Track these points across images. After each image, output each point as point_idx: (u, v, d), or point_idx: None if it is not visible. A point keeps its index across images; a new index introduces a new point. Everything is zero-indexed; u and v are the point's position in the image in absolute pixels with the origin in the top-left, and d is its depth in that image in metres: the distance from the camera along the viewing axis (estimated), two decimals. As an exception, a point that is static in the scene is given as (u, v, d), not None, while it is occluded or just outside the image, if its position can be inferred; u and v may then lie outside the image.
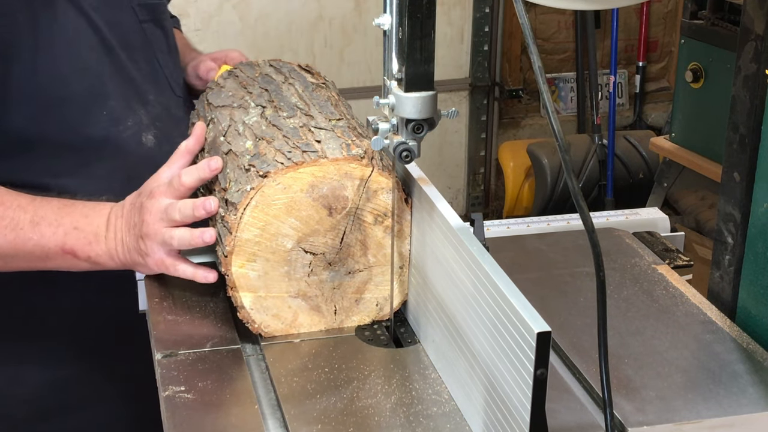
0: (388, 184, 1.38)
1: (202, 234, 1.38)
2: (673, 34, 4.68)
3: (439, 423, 1.24)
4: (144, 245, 1.41)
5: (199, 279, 1.42)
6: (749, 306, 1.43)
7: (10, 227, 1.45)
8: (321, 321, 1.44)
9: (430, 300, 1.37)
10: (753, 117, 1.39)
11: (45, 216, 1.45)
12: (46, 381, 1.70)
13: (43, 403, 1.72)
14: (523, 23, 1.11)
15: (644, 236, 1.71)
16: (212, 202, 1.38)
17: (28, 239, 1.44)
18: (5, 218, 1.45)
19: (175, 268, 1.43)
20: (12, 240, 1.45)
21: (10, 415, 1.74)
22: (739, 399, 1.26)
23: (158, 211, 1.39)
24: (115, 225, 1.45)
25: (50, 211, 1.46)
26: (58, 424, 1.74)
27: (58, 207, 1.46)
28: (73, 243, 1.44)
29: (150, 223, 1.39)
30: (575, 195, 1.11)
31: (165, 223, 1.39)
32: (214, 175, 1.41)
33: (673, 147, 3.15)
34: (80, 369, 1.72)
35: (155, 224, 1.39)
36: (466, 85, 4.52)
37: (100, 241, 1.44)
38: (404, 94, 1.28)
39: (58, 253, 1.45)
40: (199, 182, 1.41)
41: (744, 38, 1.40)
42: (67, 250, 1.45)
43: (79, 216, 1.45)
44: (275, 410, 1.28)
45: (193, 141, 1.48)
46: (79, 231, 1.44)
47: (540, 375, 1.05)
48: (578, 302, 1.49)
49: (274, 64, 1.67)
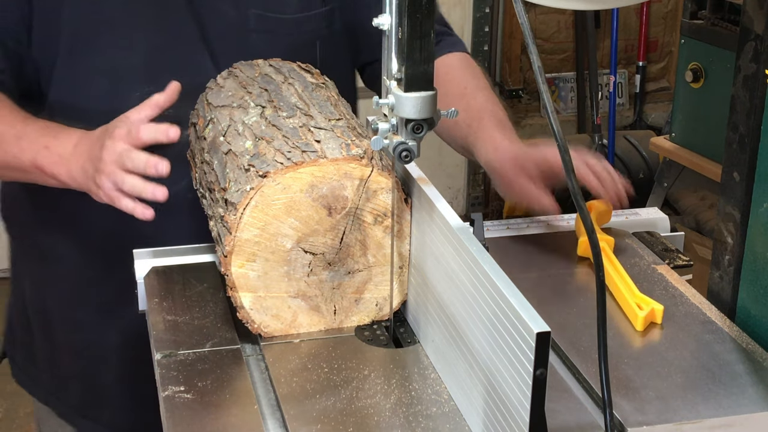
0: (387, 184, 1.38)
1: (154, 189, 1.44)
2: (673, 34, 4.69)
3: (438, 423, 1.24)
4: (99, 179, 1.47)
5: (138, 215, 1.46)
6: (749, 306, 1.43)
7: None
8: (320, 321, 1.44)
9: (429, 300, 1.37)
10: (753, 117, 1.39)
11: (28, 133, 1.57)
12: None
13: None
14: (522, 23, 1.11)
15: (644, 236, 1.71)
16: (164, 166, 1.42)
17: (8, 152, 1.58)
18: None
19: (119, 201, 1.47)
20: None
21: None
22: (738, 399, 1.26)
23: (114, 153, 1.44)
24: (80, 151, 1.52)
25: (33, 130, 1.58)
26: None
27: (41, 127, 1.58)
28: (42, 160, 1.54)
29: (107, 162, 1.45)
30: (575, 195, 1.11)
31: (118, 165, 1.44)
32: (170, 142, 1.44)
33: (673, 147, 3.15)
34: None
35: (110, 165, 1.45)
36: (466, 85, 4.51)
37: (64, 163, 1.53)
38: (404, 94, 1.28)
39: (30, 168, 1.57)
40: (153, 141, 1.44)
41: (744, 38, 1.40)
42: (37, 166, 1.55)
43: (52, 137, 1.55)
44: (275, 410, 1.28)
45: (163, 98, 1.50)
46: (49, 150, 1.54)
47: (539, 375, 1.05)
48: (578, 302, 1.49)
49: (273, 64, 1.66)
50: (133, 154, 1.43)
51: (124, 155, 1.43)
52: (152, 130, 1.43)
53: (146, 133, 1.43)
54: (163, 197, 1.43)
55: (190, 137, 1.64)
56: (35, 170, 1.55)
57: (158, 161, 1.42)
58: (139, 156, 1.43)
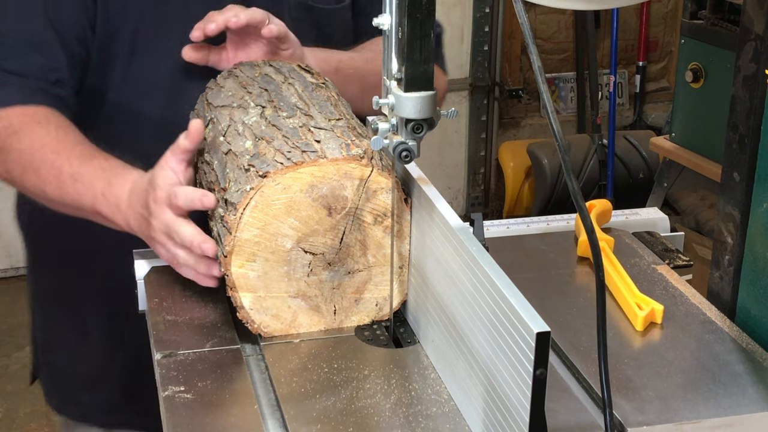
0: (387, 184, 1.38)
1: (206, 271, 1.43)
2: (673, 34, 4.69)
3: (438, 423, 1.24)
4: (153, 245, 1.48)
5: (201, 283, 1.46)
6: (749, 306, 1.43)
7: (56, 177, 1.57)
8: (320, 321, 1.44)
9: (429, 300, 1.37)
10: (753, 117, 1.39)
11: (83, 174, 1.55)
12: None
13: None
14: (522, 23, 1.11)
15: (644, 236, 1.71)
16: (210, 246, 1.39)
17: (68, 193, 1.56)
18: (54, 168, 1.56)
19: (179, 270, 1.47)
20: (56, 189, 1.57)
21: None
22: (738, 399, 1.26)
23: (161, 223, 1.43)
24: (133, 204, 1.51)
25: (89, 170, 1.55)
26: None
27: (95, 168, 1.55)
28: (100, 207, 1.54)
29: (156, 230, 1.45)
30: (575, 195, 1.11)
31: (167, 237, 1.44)
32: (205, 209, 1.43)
33: (673, 147, 3.15)
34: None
35: (160, 234, 1.44)
36: (466, 85, 4.52)
37: (121, 213, 1.52)
38: (404, 94, 1.28)
39: (90, 211, 1.55)
40: (190, 208, 1.43)
41: (744, 38, 1.40)
42: (96, 211, 1.55)
43: (106, 183, 1.53)
44: (275, 410, 1.28)
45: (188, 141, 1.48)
46: (105, 197, 1.53)
47: (539, 375, 1.04)
48: (577, 302, 1.49)
49: (273, 64, 1.66)
50: (179, 228, 1.41)
51: (171, 227, 1.42)
52: (189, 199, 1.41)
53: (183, 201, 1.41)
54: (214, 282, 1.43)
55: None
56: (96, 215, 1.55)
57: (203, 241, 1.39)
58: (185, 234, 1.40)
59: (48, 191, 1.58)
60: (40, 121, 1.60)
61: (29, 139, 1.58)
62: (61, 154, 1.57)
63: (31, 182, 1.59)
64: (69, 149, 1.57)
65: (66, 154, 1.57)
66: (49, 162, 1.56)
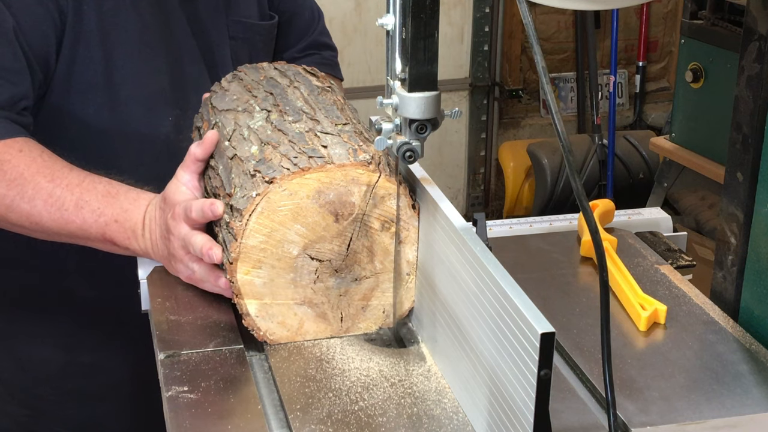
0: (395, 190, 1.37)
1: (214, 282, 1.43)
2: (673, 34, 4.68)
3: (442, 423, 1.24)
4: (174, 263, 1.48)
5: (225, 294, 1.46)
6: (752, 306, 1.43)
7: (56, 206, 1.51)
8: (327, 328, 1.42)
9: (433, 300, 1.37)
10: (756, 117, 1.39)
11: (89, 201, 1.51)
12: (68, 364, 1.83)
13: (62, 384, 1.85)
14: (527, 23, 1.11)
15: (647, 236, 1.71)
16: (217, 252, 1.40)
17: (71, 221, 1.52)
18: (53, 196, 1.52)
19: (201, 286, 1.48)
20: (57, 219, 1.52)
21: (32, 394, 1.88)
22: (742, 399, 1.26)
23: (179, 238, 1.44)
24: (150, 227, 1.50)
25: (95, 197, 1.51)
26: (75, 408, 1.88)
27: (102, 194, 1.52)
28: (113, 234, 1.51)
29: (176, 247, 1.45)
30: (578, 195, 1.11)
31: (185, 250, 1.45)
32: (216, 218, 1.42)
33: (673, 147, 3.14)
34: (101, 357, 1.85)
35: (179, 250, 1.45)
36: (466, 85, 4.52)
37: (138, 238, 1.51)
38: (407, 94, 1.28)
39: (99, 240, 1.53)
40: (203, 220, 1.43)
41: (747, 38, 1.40)
42: (107, 239, 1.52)
43: (120, 210, 1.51)
44: (278, 410, 1.28)
45: (201, 150, 1.49)
46: (118, 224, 1.51)
47: (544, 376, 1.04)
48: (581, 302, 1.49)
49: (278, 67, 1.65)
50: (193, 239, 1.42)
51: (186, 240, 1.43)
52: (200, 211, 1.41)
53: (196, 213, 1.42)
54: (224, 292, 1.44)
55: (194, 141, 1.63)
56: (106, 242, 1.52)
57: (209, 248, 1.40)
58: (196, 243, 1.41)
59: (44, 222, 1.52)
60: (22, 149, 1.54)
61: (16, 170, 1.52)
62: (57, 182, 1.52)
63: (23, 214, 1.53)
64: (63, 176, 1.53)
65: (63, 181, 1.52)
66: (45, 191, 1.51)
